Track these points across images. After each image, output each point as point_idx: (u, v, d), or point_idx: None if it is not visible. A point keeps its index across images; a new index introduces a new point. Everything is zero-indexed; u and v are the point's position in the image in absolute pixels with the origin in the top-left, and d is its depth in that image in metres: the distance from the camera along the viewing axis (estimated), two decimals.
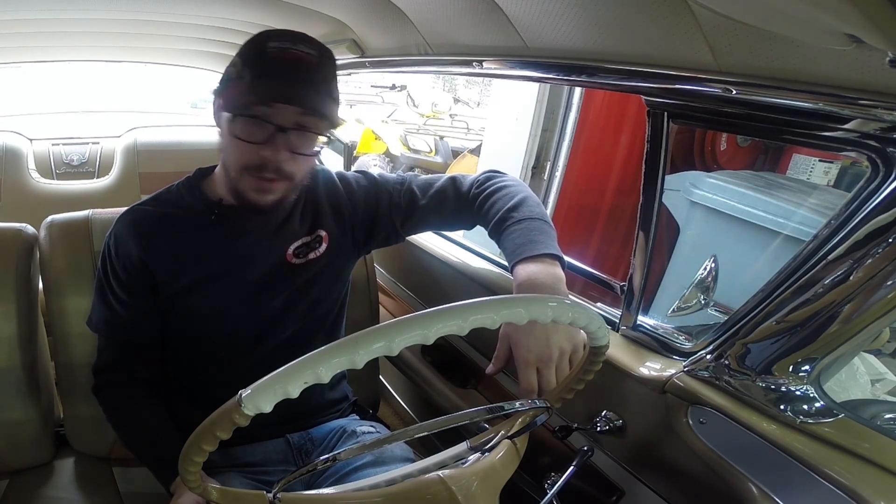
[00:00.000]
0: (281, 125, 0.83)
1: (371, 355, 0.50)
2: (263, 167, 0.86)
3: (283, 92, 0.83)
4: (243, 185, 0.89)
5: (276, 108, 0.83)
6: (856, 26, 0.46)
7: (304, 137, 0.87)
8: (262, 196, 0.89)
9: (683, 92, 0.75)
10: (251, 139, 0.85)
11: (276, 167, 0.86)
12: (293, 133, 0.85)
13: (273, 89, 0.83)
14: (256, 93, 0.83)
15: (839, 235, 0.67)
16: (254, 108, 0.83)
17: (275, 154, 0.85)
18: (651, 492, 0.90)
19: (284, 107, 0.83)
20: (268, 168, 0.86)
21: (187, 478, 0.56)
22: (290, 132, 0.84)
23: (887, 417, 0.85)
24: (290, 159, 0.86)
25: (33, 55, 1.83)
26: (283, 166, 0.86)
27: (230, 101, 0.85)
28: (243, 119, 0.84)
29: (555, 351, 0.75)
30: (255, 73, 0.84)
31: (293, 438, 1.02)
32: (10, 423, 1.09)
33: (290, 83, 0.84)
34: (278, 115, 0.83)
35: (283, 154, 0.85)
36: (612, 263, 2.32)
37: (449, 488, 0.61)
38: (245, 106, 0.83)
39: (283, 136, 0.84)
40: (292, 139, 0.85)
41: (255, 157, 0.85)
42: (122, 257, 0.95)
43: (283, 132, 0.84)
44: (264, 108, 0.83)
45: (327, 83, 0.87)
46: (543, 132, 2.22)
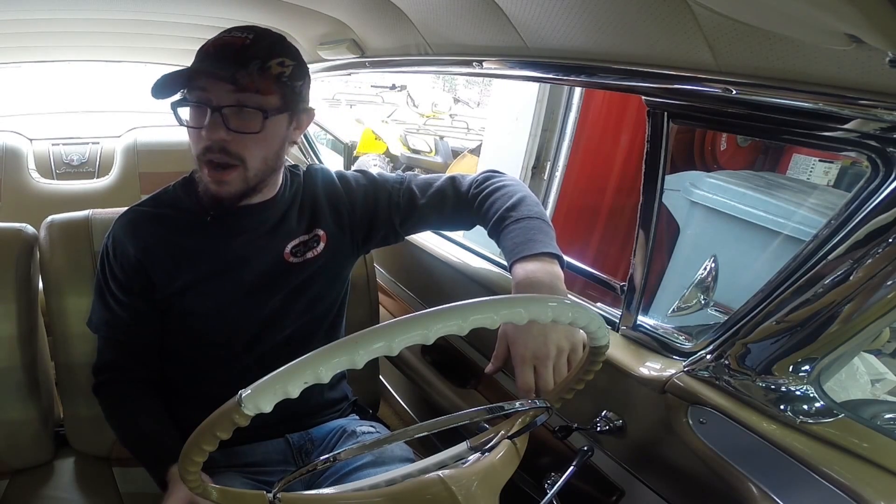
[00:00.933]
0: (216, 104, 0.84)
1: (371, 355, 0.50)
2: (209, 149, 0.87)
3: (208, 69, 0.86)
4: (204, 177, 0.90)
5: (210, 89, 0.85)
6: (856, 26, 0.46)
7: (242, 115, 0.86)
8: (219, 188, 0.90)
9: (683, 92, 0.75)
10: (195, 124, 0.87)
11: (219, 147, 0.86)
12: (228, 110, 0.85)
13: (198, 70, 0.86)
14: (188, 78, 0.86)
15: (839, 235, 0.67)
16: (192, 93, 0.86)
17: (210, 133, 0.85)
18: (651, 492, 0.90)
19: (216, 86, 0.84)
20: (213, 149, 0.86)
21: (187, 478, 0.56)
22: (225, 110, 0.84)
23: (887, 417, 0.85)
24: (233, 139, 0.86)
25: (33, 55, 1.83)
26: (227, 147, 0.86)
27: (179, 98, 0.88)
28: (185, 104, 0.88)
29: (552, 350, 0.75)
30: (192, 64, 0.88)
31: (293, 438, 1.02)
32: (10, 423, 1.09)
33: (216, 61, 0.86)
34: (211, 95, 0.85)
35: (220, 132, 0.85)
36: (612, 263, 2.32)
37: (449, 488, 0.61)
38: (188, 93, 0.87)
39: (219, 115, 0.85)
40: (228, 117, 0.85)
41: (202, 142, 0.87)
42: (121, 258, 0.95)
43: (217, 111, 0.84)
44: (198, 92, 0.86)
45: (260, 60, 0.86)
46: (543, 132, 2.22)
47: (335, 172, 1.08)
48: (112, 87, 3.54)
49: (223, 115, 0.85)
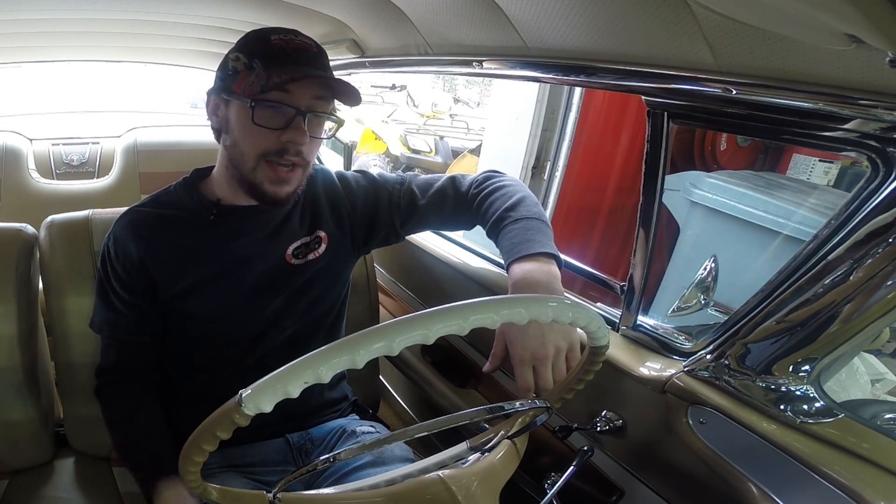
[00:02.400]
0: (299, 107, 0.85)
1: (371, 355, 0.50)
2: (284, 151, 0.86)
3: (301, 73, 0.85)
4: (259, 176, 0.89)
5: (293, 92, 0.84)
6: (856, 26, 0.46)
7: (318, 120, 0.89)
8: (279, 187, 0.89)
9: (683, 92, 0.75)
10: (272, 125, 0.85)
11: (296, 150, 0.87)
12: (310, 115, 0.86)
13: (292, 72, 0.84)
14: (277, 77, 0.83)
15: (839, 235, 0.67)
16: (272, 93, 0.84)
17: (297, 136, 0.85)
18: (651, 492, 0.90)
19: (301, 90, 0.84)
20: (289, 152, 0.87)
21: (187, 478, 0.56)
22: (308, 114, 0.86)
23: (887, 417, 0.85)
24: (308, 144, 0.87)
25: (33, 55, 1.83)
26: (302, 150, 0.87)
27: (246, 91, 0.85)
28: (263, 106, 0.84)
29: (551, 349, 0.75)
30: (267, 62, 0.85)
31: (293, 438, 1.02)
32: (10, 423, 1.09)
33: (303, 66, 0.86)
34: (295, 98, 0.85)
35: (305, 137, 0.86)
36: (612, 263, 2.32)
37: (449, 488, 0.62)
38: (266, 91, 0.83)
39: (301, 119, 0.85)
40: (309, 122, 0.87)
41: (275, 143, 0.86)
42: (122, 258, 0.95)
43: (301, 115, 0.85)
44: (282, 93, 0.84)
45: (327, 69, 0.90)
46: (543, 132, 2.22)
47: (335, 173, 1.08)
48: (112, 87, 3.55)
49: (305, 119, 0.86)
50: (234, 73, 0.88)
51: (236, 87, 0.87)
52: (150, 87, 3.46)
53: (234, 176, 0.92)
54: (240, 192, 0.94)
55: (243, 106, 0.85)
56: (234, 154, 0.90)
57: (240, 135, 0.88)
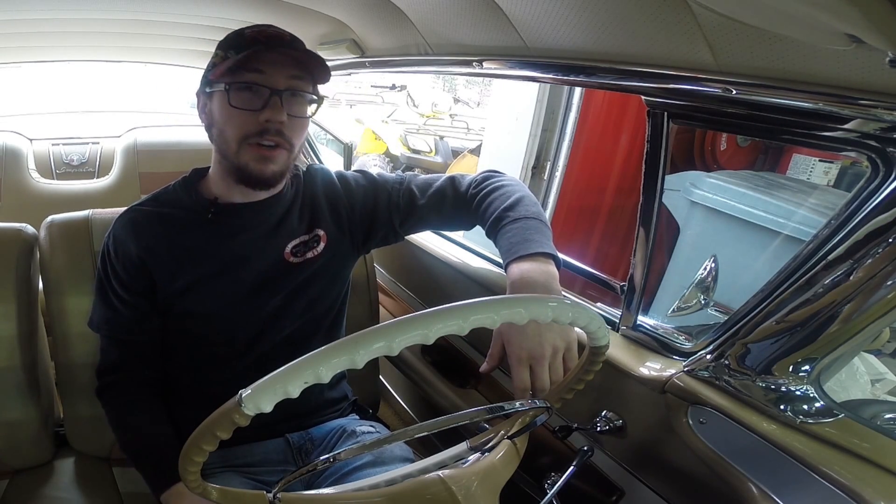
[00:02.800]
0: (274, 87, 0.86)
1: (371, 355, 0.50)
2: (265, 132, 0.88)
3: (270, 55, 0.87)
4: (244, 157, 0.90)
5: (267, 73, 0.86)
6: (856, 26, 0.46)
7: (298, 98, 0.90)
8: (264, 166, 0.90)
9: (683, 92, 0.75)
10: (249, 106, 0.87)
11: (276, 129, 0.88)
12: (287, 94, 0.87)
13: (261, 54, 0.86)
14: (246, 61, 0.86)
15: (839, 235, 0.67)
16: (246, 74, 0.86)
17: (274, 115, 0.87)
18: (651, 492, 0.90)
19: (275, 70, 0.86)
20: (269, 132, 0.88)
21: (187, 478, 0.56)
22: (284, 93, 0.87)
23: (887, 417, 0.85)
24: (288, 122, 0.88)
25: (33, 55, 1.83)
26: (283, 129, 0.88)
27: (221, 77, 0.87)
28: (239, 89, 0.87)
29: (548, 349, 0.75)
30: (239, 49, 0.88)
31: (293, 438, 1.02)
32: (10, 423, 1.09)
33: (273, 49, 0.88)
34: (270, 79, 0.86)
35: (282, 115, 0.87)
36: (611, 263, 2.32)
37: (449, 488, 0.61)
38: (237, 72, 0.86)
39: (278, 98, 0.87)
40: (287, 101, 0.88)
41: (254, 125, 0.87)
42: (122, 257, 0.95)
43: (277, 94, 0.86)
44: (256, 75, 0.86)
45: (306, 53, 0.90)
46: (543, 132, 2.22)
47: (335, 173, 1.08)
48: (112, 87, 3.55)
49: (282, 98, 0.87)
50: (213, 66, 0.91)
51: (213, 76, 0.89)
52: (150, 87, 3.46)
53: (225, 168, 0.94)
54: (235, 188, 0.95)
55: (222, 92, 0.88)
56: (221, 143, 0.92)
57: (221, 121, 0.90)
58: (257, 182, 0.92)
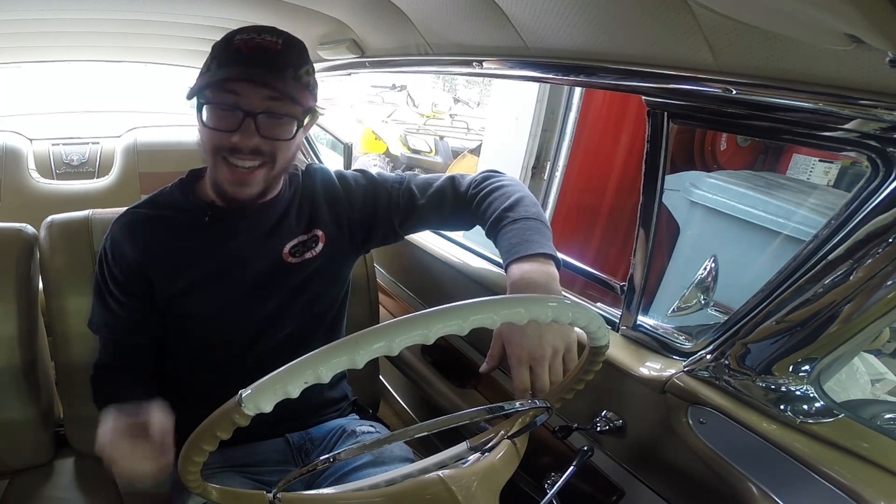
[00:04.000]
0: (249, 110, 0.84)
1: (371, 355, 0.50)
2: (236, 150, 0.85)
3: (242, 74, 0.84)
4: (221, 174, 0.89)
5: (242, 93, 0.83)
6: (856, 26, 0.46)
7: (275, 121, 0.86)
8: (238, 189, 0.89)
9: (683, 92, 0.75)
10: (222, 127, 0.85)
11: (249, 150, 0.86)
12: (262, 117, 0.84)
13: (235, 74, 0.84)
14: (221, 79, 0.84)
15: (839, 235, 0.67)
16: (220, 94, 0.84)
17: (246, 140, 0.84)
18: (651, 492, 0.90)
19: (251, 91, 0.83)
20: (241, 151, 0.85)
21: (187, 478, 0.56)
22: (259, 116, 0.84)
23: (887, 417, 0.85)
24: (263, 143, 0.86)
25: (33, 55, 1.83)
26: (259, 148, 0.86)
27: (199, 93, 0.86)
28: (211, 107, 0.85)
29: (548, 350, 0.75)
30: (220, 63, 0.85)
31: (293, 438, 1.02)
32: (10, 423, 1.09)
33: (253, 67, 0.84)
34: (245, 100, 0.83)
35: (254, 139, 0.85)
36: (612, 263, 2.32)
37: (449, 488, 0.61)
38: (212, 93, 0.84)
39: (252, 121, 0.84)
40: (262, 123, 0.85)
41: (227, 143, 0.85)
42: (119, 260, 0.95)
43: (251, 117, 0.84)
44: (231, 95, 0.84)
45: (294, 68, 0.87)
46: (543, 132, 2.22)
47: (334, 172, 1.08)
48: (112, 87, 3.54)
49: (257, 121, 0.84)
50: (200, 76, 0.89)
51: (196, 88, 0.87)
52: (150, 87, 3.46)
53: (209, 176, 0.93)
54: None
55: (198, 106, 0.86)
56: (203, 153, 0.91)
57: (201, 133, 0.89)
58: (233, 202, 0.91)
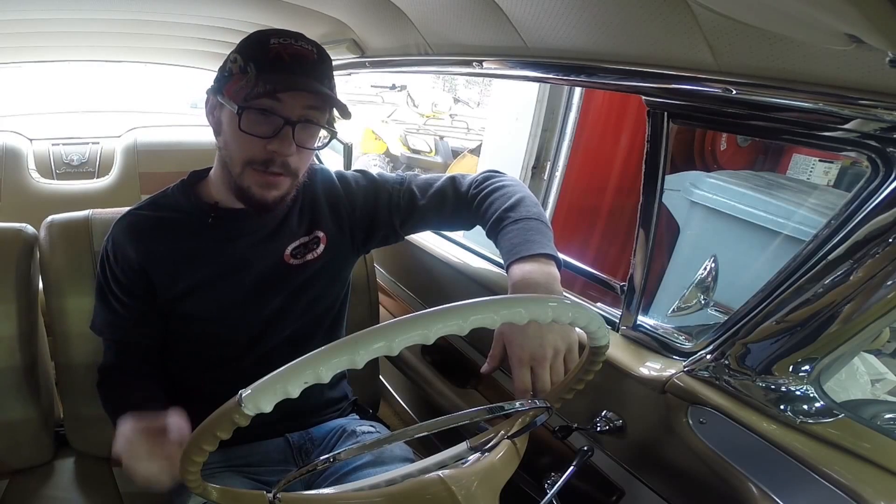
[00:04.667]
0: (288, 117, 0.83)
1: (371, 355, 0.50)
2: (270, 161, 0.86)
3: (291, 83, 0.83)
4: (247, 181, 0.88)
5: (284, 101, 0.83)
6: (856, 26, 0.46)
7: (309, 130, 0.87)
8: (266, 192, 0.89)
9: (683, 92, 0.75)
10: (259, 133, 0.84)
11: (282, 162, 0.86)
12: (299, 126, 0.85)
13: (281, 81, 0.83)
14: (264, 85, 0.82)
15: (839, 235, 0.67)
16: (261, 100, 0.82)
17: (282, 147, 0.84)
18: (651, 492, 0.90)
19: (292, 99, 0.83)
20: (275, 163, 0.86)
21: (187, 478, 0.56)
22: (297, 125, 0.84)
23: (887, 417, 0.85)
24: (295, 153, 0.86)
25: (33, 55, 1.83)
26: (289, 161, 0.86)
27: (236, 95, 0.84)
28: (251, 112, 0.83)
29: (549, 350, 0.75)
30: (260, 67, 0.84)
31: (293, 438, 1.02)
32: (10, 423, 1.09)
33: (296, 75, 0.84)
34: (286, 108, 0.83)
35: (291, 147, 0.85)
36: (612, 263, 2.32)
37: (449, 488, 0.61)
38: (252, 99, 0.82)
39: (290, 130, 0.84)
40: (298, 132, 0.85)
41: (261, 152, 0.85)
42: (121, 261, 0.95)
43: (290, 125, 0.84)
44: (272, 101, 0.83)
45: (328, 79, 0.88)
46: (543, 132, 2.22)
47: (335, 173, 1.08)
48: (112, 87, 3.54)
49: (294, 129, 0.84)
50: (229, 76, 0.87)
51: (227, 89, 0.86)
52: (150, 87, 3.46)
53: (226, 178, 0.92)
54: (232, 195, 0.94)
55: (233, 111, 0.84)
56: (225, 156, 0.91)
57: (230, 138, 0.88)
58: (258, 206, 0.90)
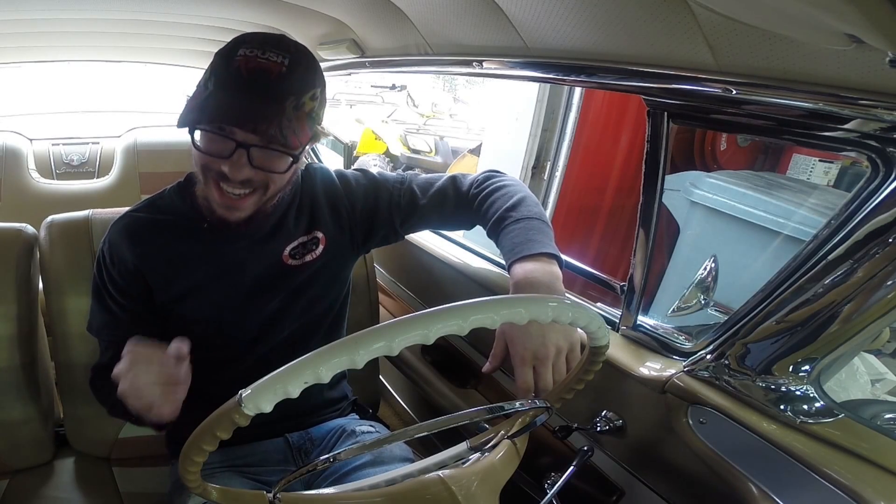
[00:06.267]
0: (242, 141, 0.79)
1: (371, 355, 0.50)
2: (225, 178, 0.82)
3: (237, 113, 0.78)
4: (211, 196, 0.86)
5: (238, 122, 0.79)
6: (856, 26, 0.46)
7: (269, 154, 0.81)
8: (230, 213, 0.87)
9: (683, 92, 0.75)
10: (213, 152, 0.81)
11: (242, 181, 0.82)
12: (255, 149, 0.80)
13: (228, 109, 0.78)
14: (213, 109, 0.79)
15: (839, 235, 0.67)
16: (201, 123, 0.80)
17: (234, 171, 0.81)
18: (651, 492, 0.90)
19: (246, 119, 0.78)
20: (232, 181, 0.82)
21: (187, 478, 0.56)
22: (252, 148, 0.80)
23: (887, 417, 0.85)
24: (255, 174, 0.83)
25: (33, 55, 1.83)
26: (252, 179, 0.83)
27: (190, 112, 0.81)
28: (203, 134, 0.81)
29: (551, 350, 0.75)
30: (217, 83, 0.80)
31: (293, 438, 1.02)
32: (10, 423, 1.09)
33: (249, 98, 0.78)
34: (238, 132, 0.79)
35: (242, 172, 0.81)
36: (612, 263, 2.32)
37: (449, 488, 0.62)
38: (202, 120, 0.80)
39: (246, 152, 0.80)
40: (255, 155, 0.80)
41: (217, 168, 0.82)
42: (118, 263, 0.94)
43: (244, 148, 0.79)
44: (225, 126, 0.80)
45: (295, 96, 0.80)
46: (543, 132, 2.22)
47: (335, 172, 1.07)
48: (112, 87, 3.54)
49: (249, 152, 0.80)
50: (198, 86, 0.84)
51: (189, 103, 0.82)
52: (150, 87, 3.45)
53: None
54: None
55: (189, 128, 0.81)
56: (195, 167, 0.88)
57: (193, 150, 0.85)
58: (221, 224, 0.88)
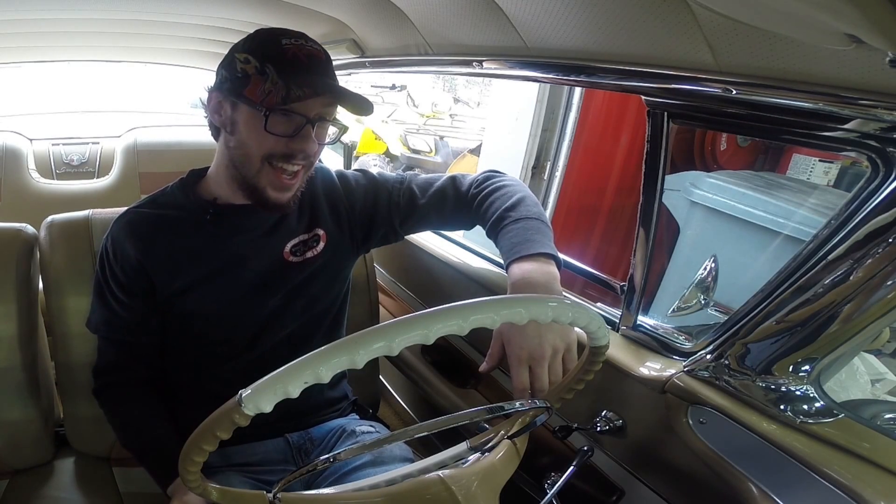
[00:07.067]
0: (309, 116, 0.87)
1: (371, 355, 0.50)
2: (291, 156, 0.88)
3: (315, 86, 0.86)
4: (262, 180, 0.90)
5: (307, 102, 0.85)
6: (856, 26, 0.46)
7: (325, 125, 0.91)
8: (281, 193, 0.91)
9: (683, 92, 0.75)
10: (282, 132, 0.86)
11: (304, 154, 0.89)
12: (318, 123, 0.89)
13: (307, 84, 0.85)
14: (295, 90, 0.84)
15: (839, 235, 0.67)
16: (289, 104, 0.85)
17: (306, 145, 0.88)
18: (651, 492, 0.90)
19: (313, 100, 0.86)
20: (296, 157, 0.88)
21: (187, 478, 0.56)
22: (318, 122, 0.88)
23: (887, 417, 0.85)
24: (316, 147, 0.90)
25: (33, 55, 1.83)
26: (313, 152, 0.90)
27: (260, 98, 0.85)
28: (277, 114, 0.85)
29: (548, 349, 0.75)
30: (280, 70, 0.84)
31: (292, 438, 1.02)
32: (10, 423, 1.09)
33: (316, 75, 0.87)
34: (306, 106, 0.86)
35: (313, 146, 0.89)
36: (612, 263, 2.32)
37: (449, 488, 0.62)
38: (291, 101, 0.84)
39: (310, 128, 0.88)
40: (317, 129, 0.89)
41: (283, 148, 0.87)
42: (121, 259, 0.95)
43: (310, 123, 0.87)
44: (297, 103, 0.85)
45: (335, 76, 0.92)
46: (543, 132, 2.22)
47: (335, 172, 1.08)
48: (112, 87, 3.54)
49: (315, 127, 0.88)
50: (245, 77, 0.86)
51: (248, 92, 0.85)
52: (150, 87, 3.46)
53: (234, 177, 0.92)
54: (238, 192, 0.94)
55: (255, 112, 0.85)
56: (238, 156, 0.90)
57: (247, 138, 0.88)
58: (273, 207, 0.92)
